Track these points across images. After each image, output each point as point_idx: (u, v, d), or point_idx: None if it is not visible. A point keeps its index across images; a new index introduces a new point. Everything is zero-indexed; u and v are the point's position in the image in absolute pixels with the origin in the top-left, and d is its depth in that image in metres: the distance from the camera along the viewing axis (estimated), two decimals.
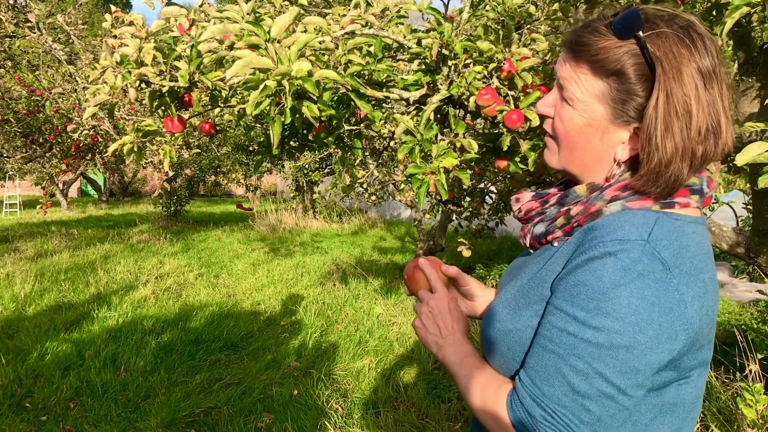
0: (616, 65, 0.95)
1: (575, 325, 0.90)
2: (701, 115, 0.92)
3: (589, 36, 0.98)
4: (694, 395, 1.01)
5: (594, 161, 1.03)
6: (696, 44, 0.93)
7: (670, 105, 0.91)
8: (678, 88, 0.91)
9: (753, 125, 1.76)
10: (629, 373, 0.88)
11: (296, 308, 6.21)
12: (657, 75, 0.92)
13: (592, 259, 0.92)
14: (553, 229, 1.05)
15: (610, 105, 0.97)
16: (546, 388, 0.92)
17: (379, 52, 2.11)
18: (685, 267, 0.91)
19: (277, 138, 1.62)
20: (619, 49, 0.95)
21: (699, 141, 0.93)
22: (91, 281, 7.27)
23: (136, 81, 1.86)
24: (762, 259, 2.67)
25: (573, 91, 1.01)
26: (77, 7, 5.33)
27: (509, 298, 1.07)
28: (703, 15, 2.07)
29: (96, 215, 16.14)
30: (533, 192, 1.16)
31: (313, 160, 11.60)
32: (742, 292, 6.75)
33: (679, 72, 0.91)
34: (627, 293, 0.87)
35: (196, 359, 4.73)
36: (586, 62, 0.99)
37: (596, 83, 0.98)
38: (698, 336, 0.93)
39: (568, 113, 1.03)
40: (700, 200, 1.00)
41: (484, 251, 9.42)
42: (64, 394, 3.96)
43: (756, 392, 2.45)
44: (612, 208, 0.98)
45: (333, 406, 3.85)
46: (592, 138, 1.01)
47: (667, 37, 0.93)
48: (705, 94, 0.92)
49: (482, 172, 5.09)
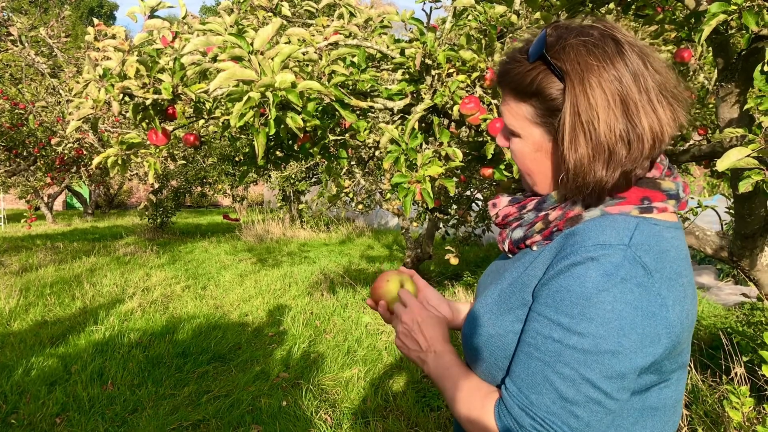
0: (532, 86, 0.97)
1: (560, 332, 0.91)
2: (614, 121, 0.91)
3: (507, 66, 1.02)
4: (675, 399, 1.03)
5: (555, 180, 1.04)
6: (606, 50, 0.93)
7: (575, 116, 0.93)
8: (583, 98, 0.92)
9: (733, 131, 1.78)
10: (615, 377, 0.89)
11: (284, 319, 6.19)
12: (567, 87, 0.93)
13: (574, 264, 0.92)
14: (532, 233, 1.06)
15: (542, 124, 1.00)
16: (534, 397, 0.92)
17: (362, 63, 2.12)
18: (665, 272, 0.93)
19: (262, 149, 1.62)
20: (533, 71, 0.97)
21: (612, 146, 0.92)
22: (77, 295, 7.21)
23: (119, 94, 1.86)
24: (744, 263, 2.70)
25: (509, 121, 1.04)
26: (60, 20, 5.31)
27: (490, 303, 1.08)
28: (681, 22, 2.10)
29: (81, 228, 16.02)
30: (510, 197, 1.16)
31: (300, 169, 11.59)
32: (727, 295, 6.80)
33: (586, 81, 0.92)
34: (610, 298, 0.88)
35: (183, 372, 4.70)
36: (509, 90, 1.02)
37: (523, 108, 1.01)
38: (679, 340, 0.94)
39: (516, 144, 1.06)
40: (676, 205, 1.01)
41: (471, 258, 9.43)
42: (51, 409, 3.92)
43: (742, 395, 2.46)
44: (591, 213, 0.99)
45: (322, 416, 3.84)
46: (544, 160, 1.03)
47: (575, 49, 0.94)
48: (620, 99, 0.92)
49: (468, 180, 5.12)
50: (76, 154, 7.75)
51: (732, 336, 3.62)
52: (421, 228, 8.83)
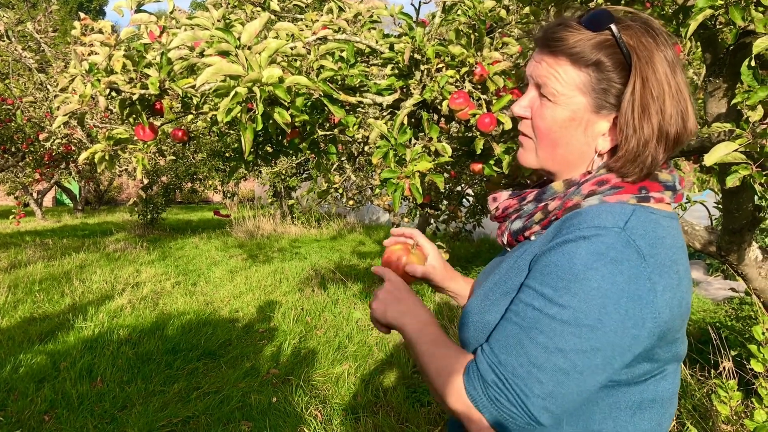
0: (595, 55, 0.99)
1: (541, 301, 0.92)
2: (672, 100, 0.98)
3: (563, 32, 1.02)
4: (671, 391, 1.04)
5: (576, 156, 1.05)
6: (658, 36, 0.99)
7: (646, 90, 0.96)
8: (652, 74, 0.96)
9: (721, 126, 1.78)
10: (589, 351, 0.89)
11: (275, 315, 6.17)
12: (633, 63, 0.97)
13: (566, 242, 0.94)
14: (531, 224, 1.07)
15: (592, 95, 1.01)
16: (503, 357, 0.93)
17: (351, 58, 2.11)
18: (659, 257, 0.93)
19: (249, 145, 1.61)
20: (595, 40, 0.99)
21: (671, 123, 0.98)
22: (67, 291, 7.17)
23: (105, 89, 1.85)
24: (732, 257, 2.71)
25: (553, 85, 1.03)
26: (47, 14, 5.27)
27: (485, 292, 1.08)
28: (670, 17, 2.10)
29: (71, 224, 15.92)
30: (510, 191, 1.18)
31: (291, 165, 11.56)
32: (716, 289, 6.85)
33: (651, 60, 0.97)
34: (598, 276, 0.89)
35: (173, 368, 4.69)
36: (564, 55, 1.02)
37: (577, 75, 1.01)
38: (669, 327, 0.94)
39: (549, 110, 1.05)
40: (672, 196, 1.03)
41: (462, 254, 9.45)
42: (39, 406, 3.90)
43: (730, 389, 2.48)
44: (590, 202, 1.00)
45: (312, 412, 3.84)
46: (575, 132, 1.04)
47: (636, 30, 0.99)
48: (673, 80, 0.98)
49: (458, 175, 5.12)
50: (65, 150, 7.68)
51: (720, 330, 3.64)
52: (412, 224, 8.84)
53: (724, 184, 1.80)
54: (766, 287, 2.76)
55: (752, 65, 1.59)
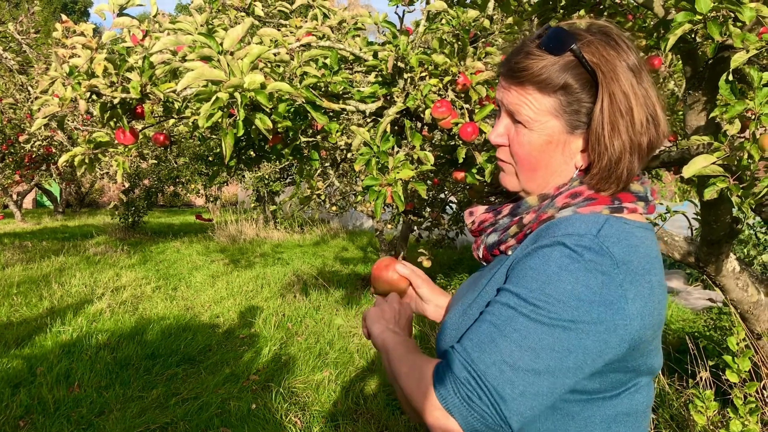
0: (562, 79, 0.99)
1: (516, 300, 0.93)
2: (640, 109, 0.98)
3: (525, 60, 1.02)
4: (645, 404, 1.04)
5: (555, 176, 1.06)
6: (619, 45, 1.00)
7: (614, 105, 0.97)
8: (617, 88, 0.97)
9: (699, 138, 1.80)
10: (561, 352, 0.89)
11: (256, 320, 6.14)
12: (599, 80, 0.97)
13: (542, 246, 0.95)
14: (506, 238, 1.08)
15: (564, 117, 1.01)
16: (476, 355, 0.92)
17: (335, 65, 2.11)
18: (632, 265, 0.94)
19: (230, 150, 1.60)
20: (559, 64, 0.99)
21: (642, 132, 0.99)
22: (45, 295, 7.08)
23: (86, 92, 1.83)
24: (711, 268, 2.74)
25: (526, 113, 1.03)
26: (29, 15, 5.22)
27: (464, 308, 1.08)
28: (651, 30, 2.12)
29: (51, 227, 15.75)
30: (487, 206, 1.18)
31: (274, 170, 11.52)
32: (696, 299, 6.91)
33: (615, 73, 0.97)
34: (572, 279, 0.90)
35: (152, 374, 4.64)
36: (531, 84, 1.02)
37: (547, 100, 1.01)
38: (640, 336, 0.94)
39: (525, 136, 1.05)
40: (645, 207, 1.04)
41: (445, 261, 9.45)
42: (14, 412, 3.85)
43: (706, 399, 2.50)
44: (563, 213, 1.01)
45: (292, 419, 3.82)
46: (554, 153, 1.04)
47: (596, 44, 0.99)
48: (639, 88, 0.99)
49: (441, 183, 5.12)
50: (46, 152, 7.60)
51: (699, 340, 3.66)
52: (395, 230, 8.83)
53: (703, 196, 1.81)
54: (743, 298, 2.79)
55: (730, 79, 1.61)
